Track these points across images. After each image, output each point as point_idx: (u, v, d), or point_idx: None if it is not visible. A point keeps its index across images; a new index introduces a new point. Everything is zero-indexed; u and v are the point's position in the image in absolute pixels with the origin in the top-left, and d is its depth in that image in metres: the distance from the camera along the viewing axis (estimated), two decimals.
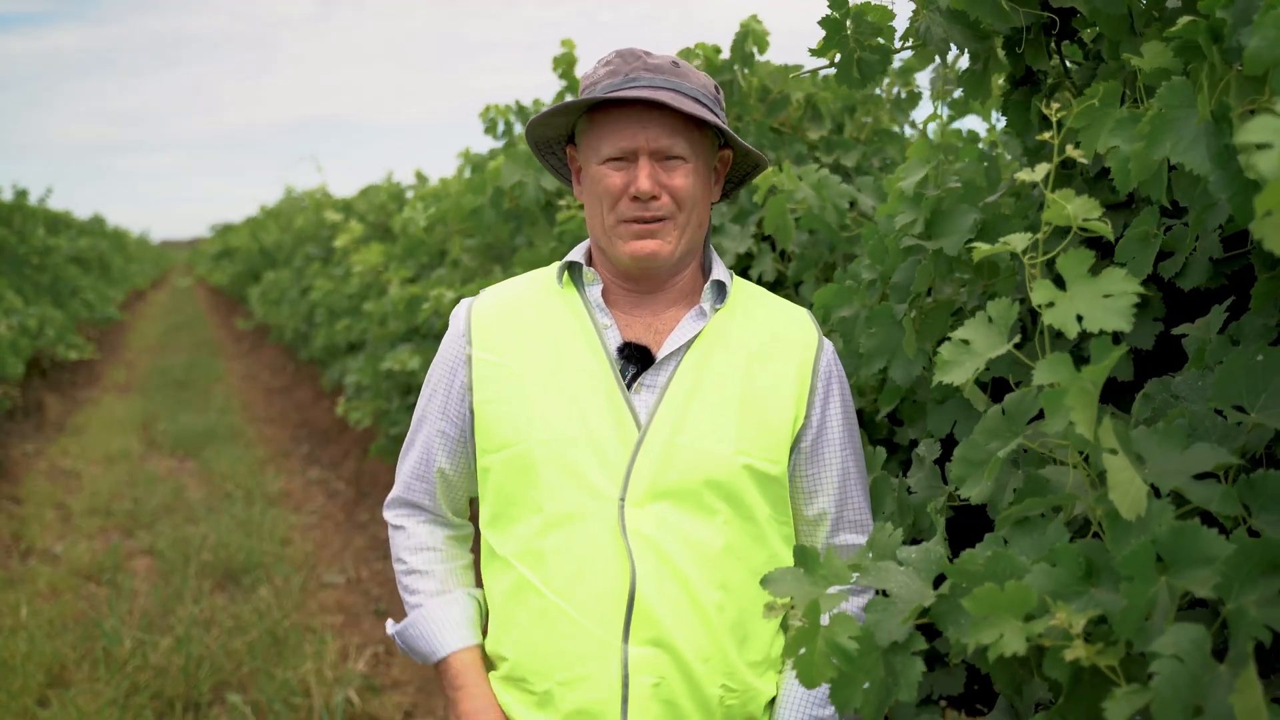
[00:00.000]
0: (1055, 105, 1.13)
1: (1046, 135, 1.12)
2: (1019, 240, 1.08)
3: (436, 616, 1.60)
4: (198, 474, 7.27)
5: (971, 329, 1.12)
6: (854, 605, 1.56)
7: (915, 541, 1.68)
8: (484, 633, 1.64)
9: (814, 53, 1.60)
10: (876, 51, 1.55)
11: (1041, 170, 1.08)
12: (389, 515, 1.70)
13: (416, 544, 1.66)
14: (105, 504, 6.43)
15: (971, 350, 1.11)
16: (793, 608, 1.08)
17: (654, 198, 1.50)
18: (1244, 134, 0.72)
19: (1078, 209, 1.05)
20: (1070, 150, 1.09)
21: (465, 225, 2.91)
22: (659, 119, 1.49)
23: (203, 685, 3.84)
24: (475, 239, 3.05)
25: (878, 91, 2.74)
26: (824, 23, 1.56)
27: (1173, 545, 0.86)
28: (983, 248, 1.11)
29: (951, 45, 1.52)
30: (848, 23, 1.55)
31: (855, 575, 1.11)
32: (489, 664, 1.60)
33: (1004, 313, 1.11)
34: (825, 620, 1.07)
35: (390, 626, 1.67)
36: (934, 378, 1.13)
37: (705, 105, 1.52)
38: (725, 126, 1.52)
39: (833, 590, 1.09)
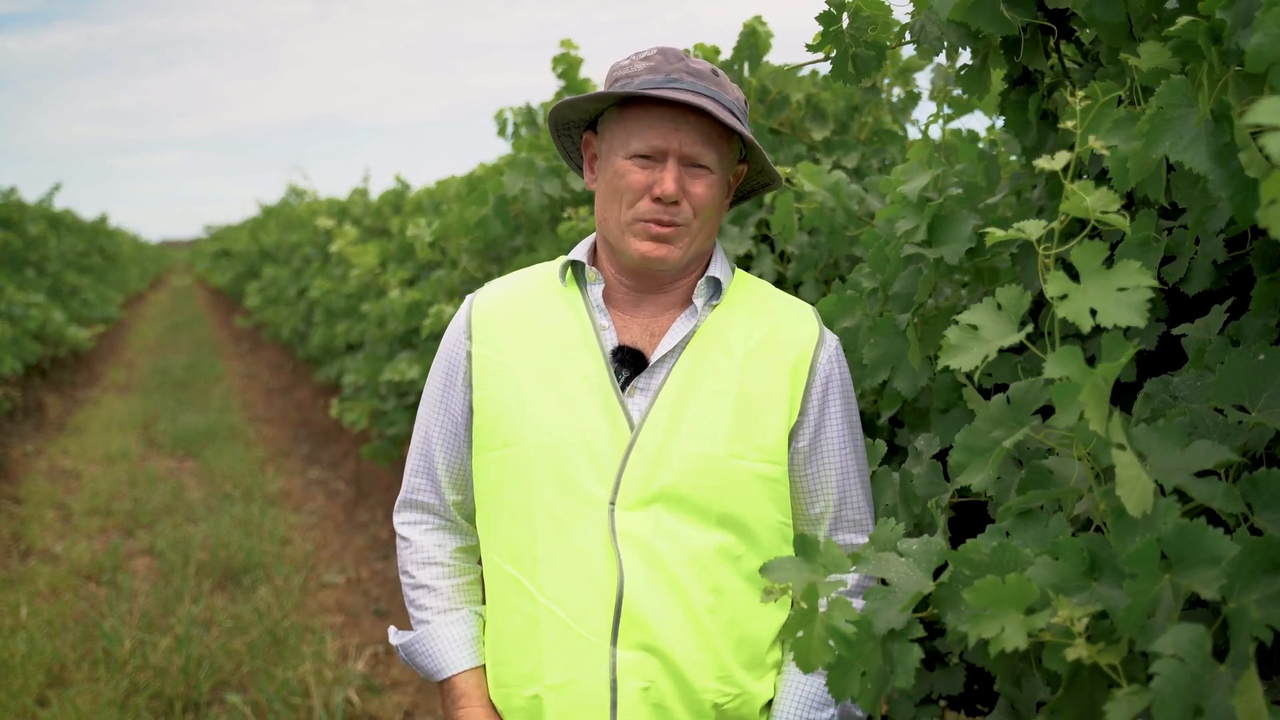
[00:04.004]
0: (1080, 94, 1.10)
1: (1069, 124, 1.08)
2: (1034, 228, 1.04)
3: (442, 635, 1.60)
4: (198, 474, 7.27)
5: (979, 314, 1.09)
6: (853, 588, 1.56)
7: (917, 534, 1.68)
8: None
9: (810, 48, 1.59)
10: (872, 47, 1.55)
11: (1062, 158, 1.04)
12: (397, 522, 1.70)
13: (424, 558, 1.65)
14: (105, 504, 6.43)
15: (980, 336, 1.07)
16: (789, 593, 1.07)
17: (675, 202, 1.48)
18: (1254, 114, 0.71)
19: (1097, 201, 1.02)
20: (1094, 141, 1.05)
21: (471, 237, 2.93)
22: (695, 125, 1.47)
23: (202, 685, 3.84)
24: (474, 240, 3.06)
25: (881, 94, 2.74)
26: (821, 18, 1.55)
27: (1178, 543, 0.85)
28: (996, 233, 1.07)
29: (945, 43, 1.51)
30: (844, 17, 1.55)
31: (854, 567, 1.11)
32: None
33: (1015, 300, 1.08)
34: (823, 605, 1.07)
35: (394, 636, 1.66)
36: (939, 362, 1.09)
37: (737, 119, 1.50)
38: (757, 143, 1.50)
39: (832, 578, 1.08)
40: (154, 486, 6.82)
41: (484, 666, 1.60)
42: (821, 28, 1.57)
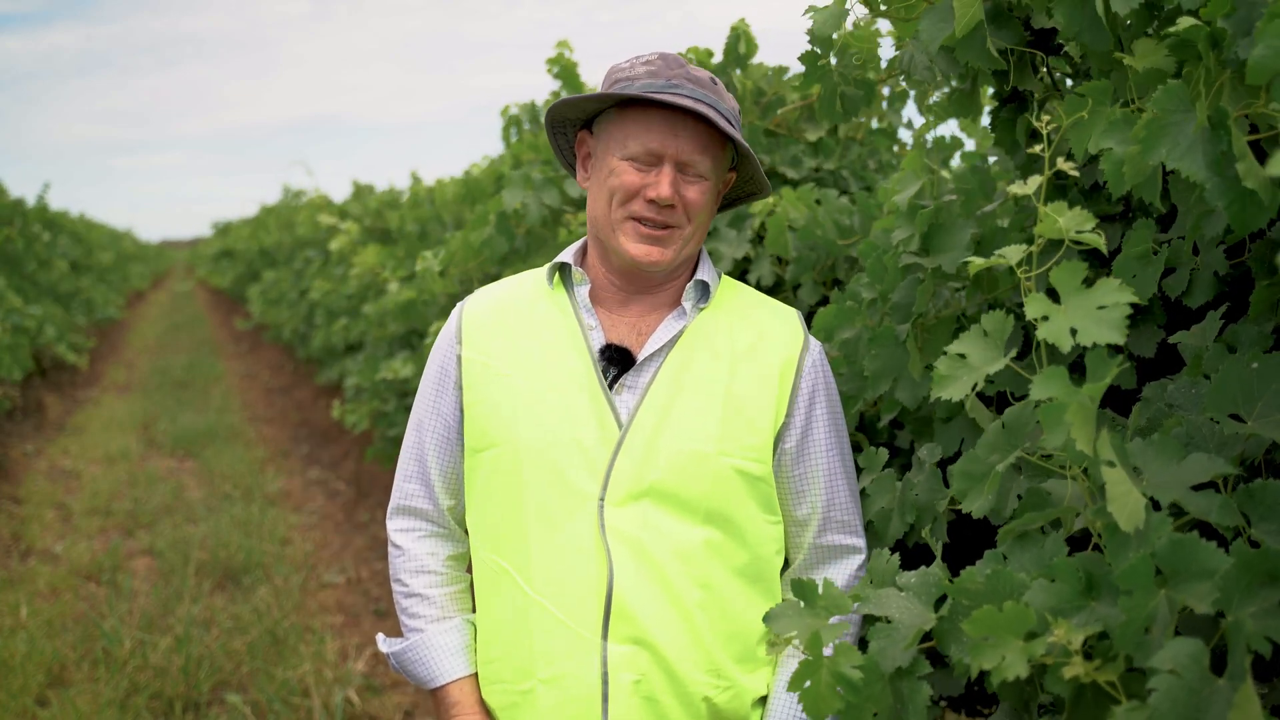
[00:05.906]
0: (1046, 118, 1.11)
1: (1037, 148, 1.10)
2: (1013, 253, 1.07)
3: (436, 644, 1.61)
4: (197, 474, 7.27)
5: (967, 342, 1.10)
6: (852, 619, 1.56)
7: (918, 545, 1.68)
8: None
9: (796, 89, 1.58)
10: (861, 85, 1.53)
11: (1034, 183, 1.06)
12: (391, 529, 1.70)
13: (417, 566, 1.66)
14: (105, 504, 6.43)
15: (968, 365, 1.09)
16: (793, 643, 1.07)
17: (669, 205, 1.50)
18: (1273, 166, 0.71)
19: (1070, 221, 1.04)
20: (1061, 163, 1.07)
21: (479, 259, 2.96)
22: (692, 131, 1.49)
23: (202, 685, 3.84)
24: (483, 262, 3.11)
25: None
26: (804, 58, 1.53)
27: (1171, 558, 0.85)
28: (977, 262, 1.09)
29: (936, 75, 1.50)
30: (830, 56, 1.53)
31: (856, 606, 1.10)
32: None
33: (999, 325, 1.09)
34: (828, 651, 1.07)
35: (383, 643, 1.66)
36: (931, 394, 1.11)
37: (733, 127, 1.52)
38: (751, 152, 1.52)
39: (834, 620, 1.08)
40: (154, 486, 6.82)
41: (476, 674, 1.61)
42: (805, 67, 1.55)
